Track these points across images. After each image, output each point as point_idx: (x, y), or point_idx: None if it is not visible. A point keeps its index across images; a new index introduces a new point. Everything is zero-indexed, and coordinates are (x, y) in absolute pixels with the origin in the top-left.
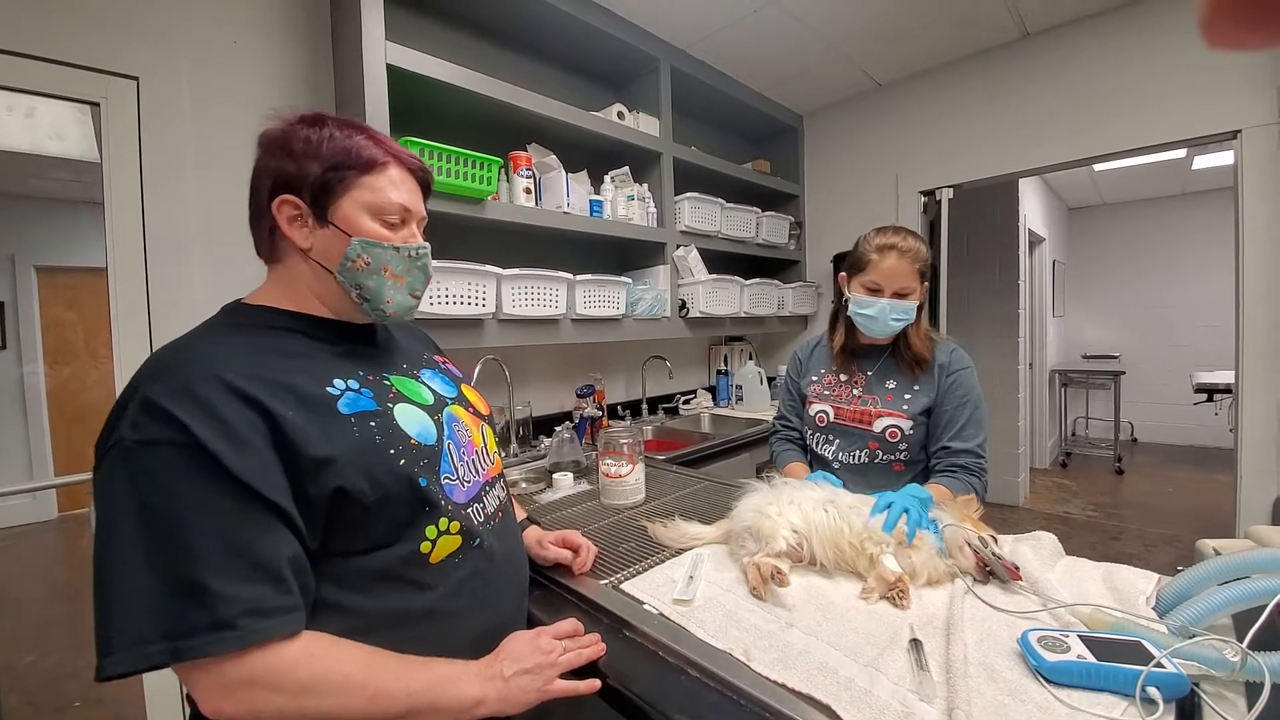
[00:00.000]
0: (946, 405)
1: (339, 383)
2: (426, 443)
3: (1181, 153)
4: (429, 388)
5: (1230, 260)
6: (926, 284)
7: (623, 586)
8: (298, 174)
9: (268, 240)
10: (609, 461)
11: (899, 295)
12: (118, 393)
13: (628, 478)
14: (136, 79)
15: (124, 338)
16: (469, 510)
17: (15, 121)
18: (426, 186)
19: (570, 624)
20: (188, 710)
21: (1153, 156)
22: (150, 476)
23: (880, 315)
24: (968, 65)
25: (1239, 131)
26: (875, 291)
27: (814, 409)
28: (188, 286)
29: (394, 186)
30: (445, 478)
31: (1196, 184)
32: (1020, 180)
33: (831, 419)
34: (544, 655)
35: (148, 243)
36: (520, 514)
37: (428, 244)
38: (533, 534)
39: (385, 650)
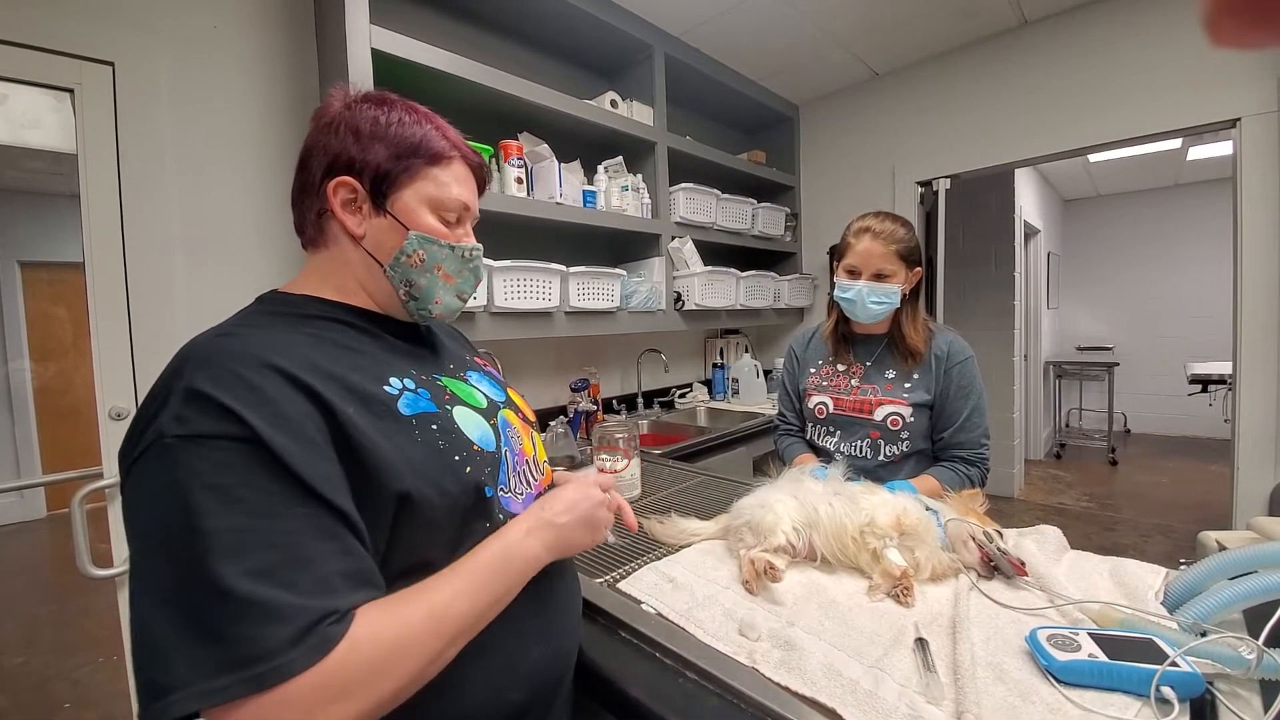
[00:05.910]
0: (950, 399)
1: (395, 381)
2: (488, 449)
3: (1177, 143)
4: (480, 391)
5: (1224, 251)
6: (917, 271)
7: (619, 585)
8: (360, 156)
9: (314, 222)
10: (604, 457)
11: (878, 277)
12: (98, 394)
13: (623, 473)
14: (112, 65)
15: (103, 335)
16: None
17: None
18: (483, 184)
19: (610, 479)
20: None
21: (1149, 147)
22: (201, 478)
23: (858, 298)
24: (965, 54)
25: (1238, 120)
26: (854, 274)
27: (813, 401)
28: (168, 281)
29: (458, 182)
30: (501, 489)
31: (1191, 175)
32: (1016, 172)
33: (831, 410)
34: (594, 506)
35: (126, 236)
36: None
37: (481, 245)
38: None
39: (425, 582)
